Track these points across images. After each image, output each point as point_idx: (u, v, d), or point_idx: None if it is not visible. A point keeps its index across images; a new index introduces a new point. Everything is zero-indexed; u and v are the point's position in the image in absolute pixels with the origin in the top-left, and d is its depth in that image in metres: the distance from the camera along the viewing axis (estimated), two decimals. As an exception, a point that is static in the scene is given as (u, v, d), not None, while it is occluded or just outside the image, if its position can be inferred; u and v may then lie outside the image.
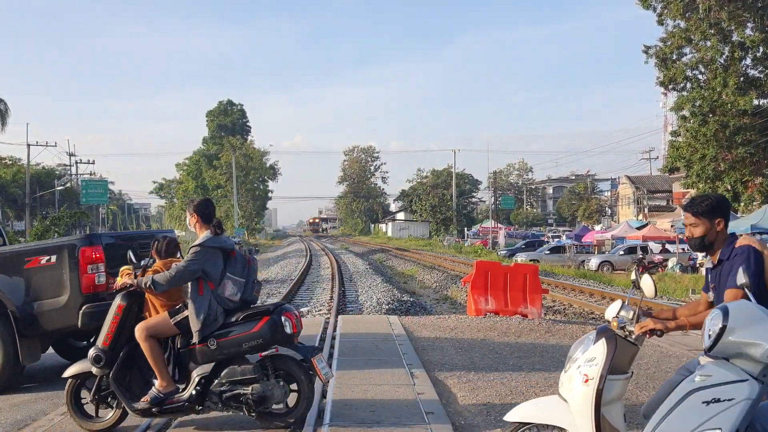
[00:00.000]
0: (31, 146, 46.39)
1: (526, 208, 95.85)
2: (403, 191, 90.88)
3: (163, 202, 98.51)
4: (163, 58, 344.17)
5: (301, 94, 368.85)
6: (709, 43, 25.05)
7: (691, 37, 25.47)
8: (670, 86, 27.08)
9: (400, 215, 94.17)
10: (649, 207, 55.10)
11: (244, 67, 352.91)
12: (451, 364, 7.50)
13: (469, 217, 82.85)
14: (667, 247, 32.40)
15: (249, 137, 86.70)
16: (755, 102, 25.00)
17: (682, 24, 25.80)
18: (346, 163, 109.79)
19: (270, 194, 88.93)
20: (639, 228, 37.72)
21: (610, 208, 71.38)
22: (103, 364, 5.01)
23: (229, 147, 76.11)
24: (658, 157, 60.24)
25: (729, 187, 25.26)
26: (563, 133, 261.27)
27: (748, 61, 25.88)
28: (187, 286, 5.13)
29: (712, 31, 24.74)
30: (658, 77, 27.01)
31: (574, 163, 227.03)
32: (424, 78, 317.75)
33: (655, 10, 26.48)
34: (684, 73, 25.97)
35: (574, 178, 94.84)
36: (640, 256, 29.52)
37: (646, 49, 27.04)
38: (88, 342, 7.55)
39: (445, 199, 78.13)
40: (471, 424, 5.27)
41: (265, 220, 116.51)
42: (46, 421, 5.58)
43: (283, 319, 4.95)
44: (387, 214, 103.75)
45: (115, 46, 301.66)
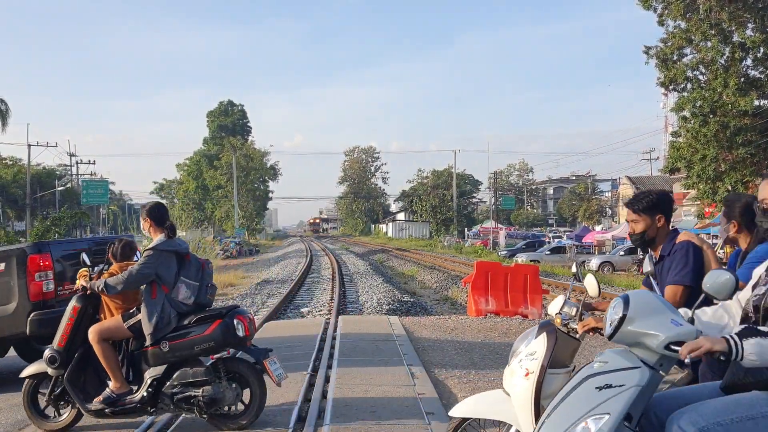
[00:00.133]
0: (32, 146, 46.52)
1: (527, 209, 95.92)
2: (404, 192, 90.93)
3: (164, 203, 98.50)
4: (164, 58, 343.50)
5: (302, 94, 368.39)
6: (709, 44, 25.03)
7: (692, 37, 25.45)
8: (671, 87, 27.04)
9: (401, 216, 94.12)
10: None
11: (245, 67, 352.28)
12: (452, 365, 7.51)
13: (470, 218, 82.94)
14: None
15: (249, 137, 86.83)
16: (756, 102, 24.98)
17: (683, 24, 25.77)
18: (346, 163, 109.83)
19: (270, 194, 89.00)
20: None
21: (611, 208, 71.35)
22: (58, 365, 5.09)
23: (230, 147, 76.22)
24: (658, 158, 60.28)
25: (730, 188, 25.22)
26: (563, 133, 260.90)
27: (749, 61, 25.85)
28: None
29: (713, 32, 24.73)
30: (659, 78, 26.98)
31: (575, 164, 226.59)
32: (424, 78, 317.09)
33: (655, 10, 26.46)
34: (684, 74, 25.94)
35: (574, 178, 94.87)
36: (640, 257, 29.44)
37: (647, 50, 27.03)
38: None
39: (445, 200, 78.16)
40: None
41: (266, 221, 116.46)
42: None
43: (236, 322, 5.00)
44: (387, 215, 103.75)
45: (115, 46, 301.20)
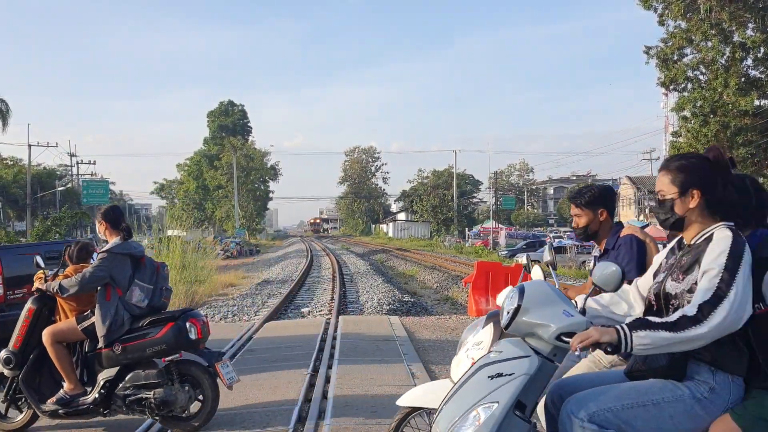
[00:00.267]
0: (32, 147, 46.52)
1: (527, 209, 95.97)
2: (404, 192, 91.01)
3: (164, 203, 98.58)
4: (163, 58, 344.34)
5: (302, 94, 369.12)
6: (710, 44, 25.03)
7: (692, 37, 25.45)
8: (671, 87, 27.05)
9: (401, 216, 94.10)
10: (650, 207, 55.05)
11: (245, 67, 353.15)
12: (452, 364, 7.50)
13: (470, 218, 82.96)
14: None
15: (250, 138, 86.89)
16: (756, 102, 24.98)
17: (683, 24, 25.76)
18: (346, 163, 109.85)
19: (271, 195, 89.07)
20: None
21: (611, 208, 71.23)
22: (13, 366, 5.13)
23: (230, 147, 76.27)
24: (659, 158, 60.24)
25: (730, 188, 25.25)
26: (564, 133, 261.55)
27: (750, 61, 25.84)
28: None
29: (713, 32, 24.72)
30: (659, 78, 26.97)
31: (575, 164, 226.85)
32: (424, 78, 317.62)
33: (656, 10, 26.46)
34: (685, 74, 25.94)
35: (575, 178, 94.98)
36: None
37: (647, 50, 27.02)
38: None
39: (446, 200, 78.17)
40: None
41: (266, 221, 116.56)
42: (47, 421, 5.58)
43: (188, 325, 5.03)
44: (388, 215, 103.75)
45: (115, 46, 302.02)
